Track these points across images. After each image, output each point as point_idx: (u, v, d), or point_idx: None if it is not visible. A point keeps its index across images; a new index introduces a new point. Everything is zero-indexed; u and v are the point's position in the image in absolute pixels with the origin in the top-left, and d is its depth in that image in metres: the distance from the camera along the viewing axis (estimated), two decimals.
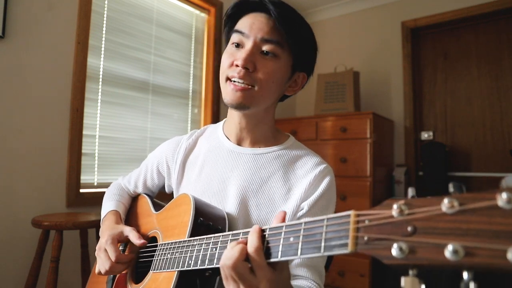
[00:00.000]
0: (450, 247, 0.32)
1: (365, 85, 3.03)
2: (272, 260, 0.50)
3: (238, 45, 0.77)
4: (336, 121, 2.67)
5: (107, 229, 0.83)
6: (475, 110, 2.73)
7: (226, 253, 0.53)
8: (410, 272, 0.35)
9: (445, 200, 0.34)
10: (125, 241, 0.83)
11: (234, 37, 0.77)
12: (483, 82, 2.70)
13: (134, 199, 1.03)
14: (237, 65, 0.74)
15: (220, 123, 0.93)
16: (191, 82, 2.68)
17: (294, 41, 0.77)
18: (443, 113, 2.87)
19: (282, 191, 0.78)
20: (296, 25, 0.77)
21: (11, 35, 1.67)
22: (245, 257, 0.51)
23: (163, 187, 0.99)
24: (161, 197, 1.03)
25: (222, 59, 0.80)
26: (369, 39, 3.16)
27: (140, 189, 1.01)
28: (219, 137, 0.89)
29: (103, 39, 2.12)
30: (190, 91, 2.67)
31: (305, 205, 0.76)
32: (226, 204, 0.79)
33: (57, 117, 1.85)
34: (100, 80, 2.10)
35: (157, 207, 0.90)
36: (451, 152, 2.74)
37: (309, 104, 3.34)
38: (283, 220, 0.55)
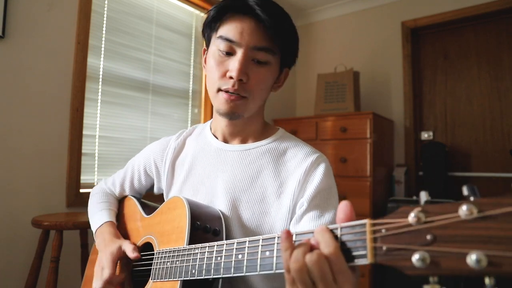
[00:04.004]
0: (473, 256, 0.32)
1: (365, 85, 3.03)
2: (268, 272, 0.49)
3: (228, 53, 0.73)
4: (336, 121, 2.67)
5: (106, 245, 0.81)
6: (475, 110, 2.73)
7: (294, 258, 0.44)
8: (431, 279, 0.35)
9: (464, 207, 0.33)
10: (124, 256, 0.81)
11: (222, 45, 0.73)
12: (483, 82, 2.70)
13: (121, 201, 1.00)
14: (230, 77, 0.71)
15: (208, 123, 0.91)
16: (191, 82, 2.68)
17: (283, 42, 0.75)
18: (443, 113, 2.87)
19: (273, 186, 0.75)
20: (283, 24, 0.74)
21: (11, 35, 1.67)
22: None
23: (151, 188, 0.97)
24: (151, 199, 1.00)
25: (210, 67, 0.76)
26: (369, 39, 3.15)
27: (126, 192, 0.98)
28: (207, 137, 0.87)
29: (103, 39, 2.12)
30: (190, 91, 2.67)
31: (304, 201, 0.72)
32: (217, 204, 0.78)
33: (57, 117, 1.85)
34: (100, 80, 2.10)
35: (147, 210, 0.88)
36: (451, 152, 2.74)
37: (309, 104, 3.34)
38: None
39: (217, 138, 0.85)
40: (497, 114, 2.64)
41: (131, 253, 0.76)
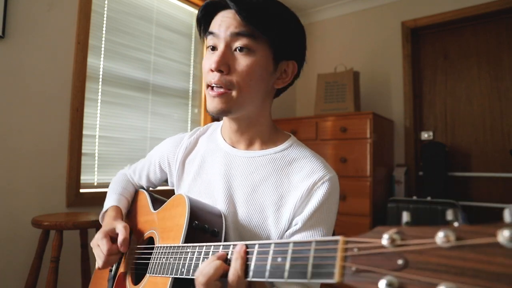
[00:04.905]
0: None
1: (365, 85, 3.03)
2: (259, 280, 0.48)
3: (214, 48, 0.73)
4: (336, 121, 2.67)
5: (103, 226, 0.85)
6: (475, 110, 2.73)
7: (202, 267, 0.54)
8: None
9: (440, 233, 0.31)
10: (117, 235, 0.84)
11: (209, 40, 0.74)
12: (483, 82, 2.70)
13: (135, 193, 1.03)
14: (212, 70, 0.70)
15: (221, 123, 0.91)
16: (191, 82, 2.68)
17: (269, 30, 0.70)
18: (443, 113, 2.87)
19: (273, 198, 0.73)
20: (268, 13, 0.71)
21: (11, 35, 1.67)
22: (219, 277, 0.52)
23: (166, 181, 0.99)
24: (165, 192, 1.03)
25: (202, 65, 0.77)
26: (369, 39, 3.16)
27: (143, 181, 1.01)
28: (217, 138, 0.87)
29: (103, 39, 2.12)
30: (190, 91, 2.67)
31: (299, 220, 0.70)
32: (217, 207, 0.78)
33: (57, 117, 1.85)
34: (100, 80, 2.10)
35: (156, 205, 0.90)
36: (451, 152, 2.74)
37: (309, 104, 3.34)
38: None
39: (225, 141, 0.84)
40: (497, 114, 2.64)
41: (121, 245, 0.79)
